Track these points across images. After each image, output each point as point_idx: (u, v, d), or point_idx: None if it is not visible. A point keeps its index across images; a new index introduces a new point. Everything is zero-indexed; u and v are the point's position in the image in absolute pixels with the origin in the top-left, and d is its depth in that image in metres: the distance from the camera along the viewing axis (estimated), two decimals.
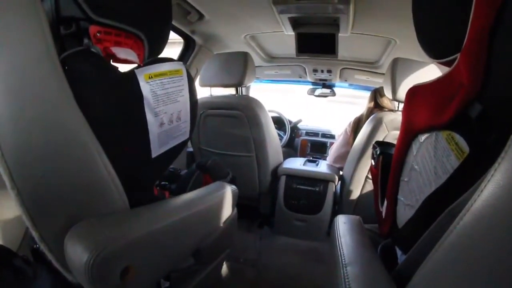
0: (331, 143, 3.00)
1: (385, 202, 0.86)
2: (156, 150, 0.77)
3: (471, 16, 0.50)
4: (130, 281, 0.65)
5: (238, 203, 1.18)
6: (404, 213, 0.73)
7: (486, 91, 0.50)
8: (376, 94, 2.06)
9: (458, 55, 0.55)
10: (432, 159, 0.62)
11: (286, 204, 2.09)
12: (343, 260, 0.71)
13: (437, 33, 0.65)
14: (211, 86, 1.93)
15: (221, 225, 1.06)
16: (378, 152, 0.98)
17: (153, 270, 0.77)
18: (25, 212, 0.61)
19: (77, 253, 0.59)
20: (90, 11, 0.67)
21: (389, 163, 0.87)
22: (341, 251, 0.76)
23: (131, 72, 0.71)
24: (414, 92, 0.73)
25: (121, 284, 0.64)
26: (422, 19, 0.70)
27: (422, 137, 0.67)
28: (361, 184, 1.80)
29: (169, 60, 0.80)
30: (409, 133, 0.72)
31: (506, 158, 0.34)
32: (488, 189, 0.35)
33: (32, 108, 0.59)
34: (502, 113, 0.48)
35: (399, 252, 0.84)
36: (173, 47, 1.71)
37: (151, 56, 0.84)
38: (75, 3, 0.67)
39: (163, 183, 1.13)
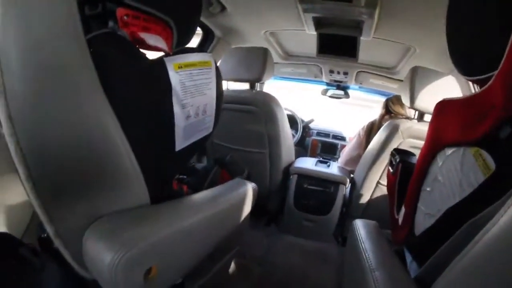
0: (342, 145, 3.01)
1: (403, 209, 0.87)
2: (180, 143, 0.74)
3: (511, 37, 0.50)
4: (152, 281, 0.63)
5: None
6: (423, 222, 0.74)
7: None
8: (388, 102, 2.10)
9: (492, 74, 0.56)
10: (458, 173, 0.63)
11: (296, 204, 2.09)
12: (370, 265, 0.71)
13: (472, 50, 0.64)
14: (228, 80, 1.92)
15: (240, 222, 1.04)
16: (397, 160, 0.98)
17: (176, 269, 0.75)
18: (39, 206, 0.57)
19: (100, 252, 0.56)
20: None
21: (408, 171, 0.88)
22: (367, 255, 0.76)
23: (160, 60, 0.67)
24: (444, 106, 0.74)
25: (144, 284, 0.61)
26: (457, 33, 0.70)
27: (449, 151, 0.68)
28: (372, 189, 1.81)
29: (198, 50, 0.77)
30: (435, 145, 0.73)
31: None
32: None
33: (53, 91, 0.53)
34: None
35: (408, 259, 0.85)
36: None
37: (179, 46, 0.80)
38: None
39: (180, 176, 1.11)
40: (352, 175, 2.11)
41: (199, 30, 2.07)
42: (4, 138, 0.54)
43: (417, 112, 1.73)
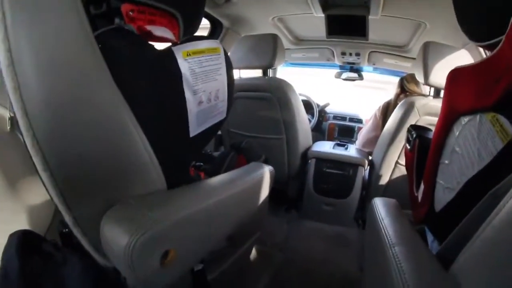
0: (359, 128, 2.98)
1: (422, 186, 0.85)
2: (194, 129, 0.75)
3: None
4: (169, 265, 0.62)
5: None
6: (443, 196, 0.73)
7: None
8: (403, 80, 2.06)
9: (502, 37, 0.55)
10: (475, 141, 0.62)
11: (315, 188, 2.09)
12: (390, 241, 0.70)
13: (480, 15, 0.64)
14: (240, 68, 1.92)
15: (258, 206, 1.03)
16: (414, 136, 0.96)
17: (193, 253, 0.75)
18: (58, 195, 0.58)
19: (116, 236, 0.56)
20: None
21: (425, 146, 0.87)
22: (386, 231, 0.75)
23: (168, 50, 0.68)
24: (455, 74, 0.72)
25: (161, 269, 0.61)
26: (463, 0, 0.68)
27: (465, 119, 0.66)
28: (391, 169, 1.79)
29: (206, 38, 0.77)
30: (450, 115, 0.72)
31: None
32: None
33: (66, 84, 0.54)
34: None
35: (429, 239, 0.84)
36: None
37: (186, 35, 0.81)
38: None
39: (197, 163, 1.12)
40: (370, 157, 2.10)
41: (207, 24, 2.07)
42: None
43: (432, 90, 1.71)
